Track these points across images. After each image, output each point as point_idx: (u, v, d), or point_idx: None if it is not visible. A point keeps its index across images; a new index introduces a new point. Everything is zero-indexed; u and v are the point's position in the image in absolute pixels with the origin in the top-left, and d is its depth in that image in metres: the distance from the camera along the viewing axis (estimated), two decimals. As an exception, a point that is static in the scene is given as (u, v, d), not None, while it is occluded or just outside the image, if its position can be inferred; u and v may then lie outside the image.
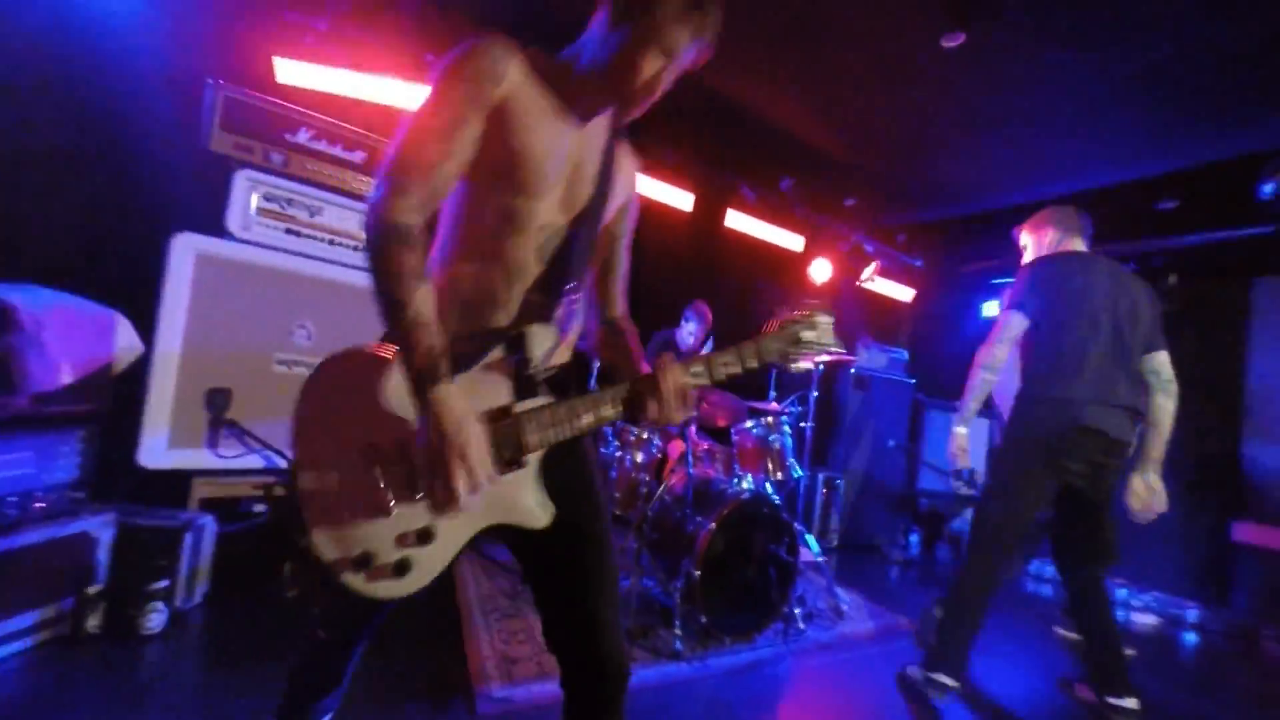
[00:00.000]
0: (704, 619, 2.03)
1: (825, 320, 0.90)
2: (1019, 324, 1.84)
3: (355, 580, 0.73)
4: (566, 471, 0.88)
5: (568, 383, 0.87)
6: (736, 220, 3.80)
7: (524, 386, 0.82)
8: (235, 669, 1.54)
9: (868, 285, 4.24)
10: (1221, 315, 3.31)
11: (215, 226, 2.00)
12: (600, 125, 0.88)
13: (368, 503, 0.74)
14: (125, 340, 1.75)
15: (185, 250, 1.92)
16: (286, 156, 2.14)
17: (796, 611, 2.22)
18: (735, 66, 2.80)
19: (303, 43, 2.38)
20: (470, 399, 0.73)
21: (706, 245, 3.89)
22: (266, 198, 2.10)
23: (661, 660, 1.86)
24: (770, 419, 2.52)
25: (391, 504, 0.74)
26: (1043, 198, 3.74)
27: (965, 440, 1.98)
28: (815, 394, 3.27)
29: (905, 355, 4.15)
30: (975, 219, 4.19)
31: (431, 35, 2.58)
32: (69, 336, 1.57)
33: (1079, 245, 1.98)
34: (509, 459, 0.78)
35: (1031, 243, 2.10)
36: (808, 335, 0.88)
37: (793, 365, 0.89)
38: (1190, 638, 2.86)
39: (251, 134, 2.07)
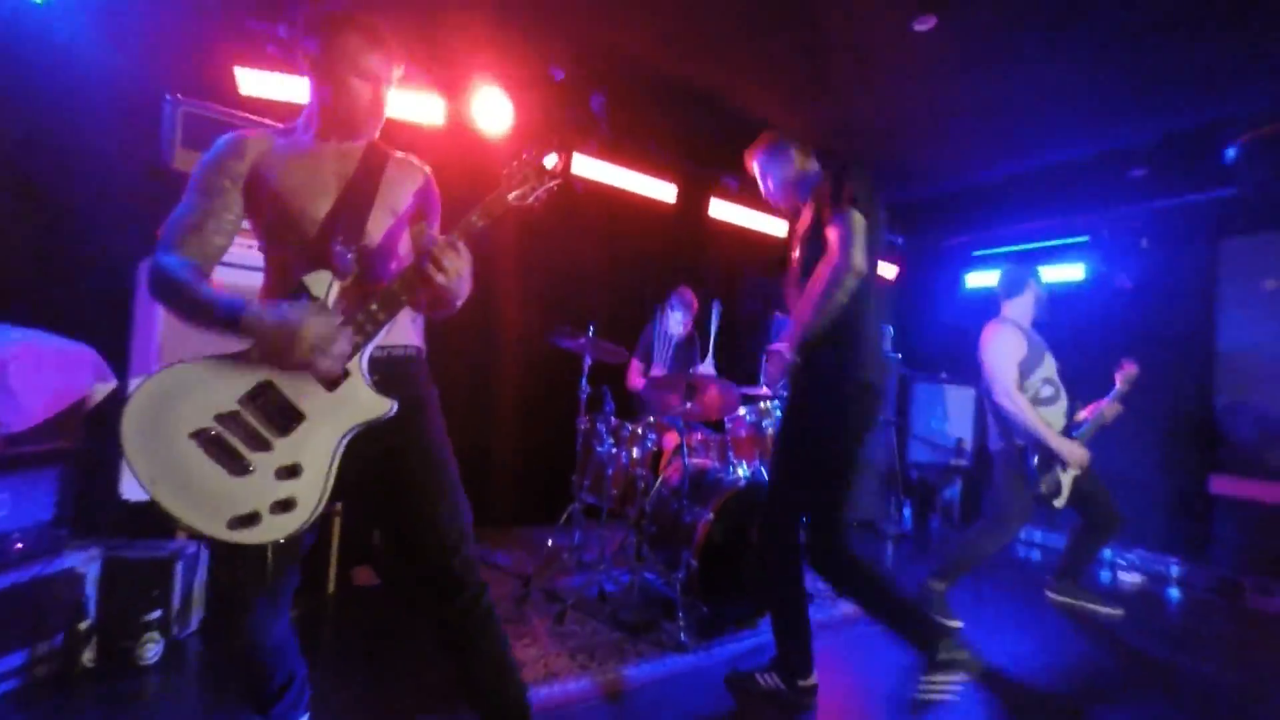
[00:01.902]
0: (706, 608, 2.06)
1: (554, 153, 1.07)
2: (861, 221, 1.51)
3: (250, 533, 0.87)
4: (404, 410, 1.01)
5: (357, 301, 1.01)
6: (720, 209, 3.79)
7: None
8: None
9: (850, 266, 4.26)
10: (1192, 276, 3.39)
11: (186, 248, 1.94)
12: (353, 145, 1.10)
13: (227, 470, 0.88)
14: (97, 374, 1.71)
15: (154, 275, 1.86)
16: (252, 171, 2.08)
17: (796, 594, 2.25)
18: (711, 55, 2.79)
19: (265, 52, 2.30)
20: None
21: (691, 235, 3.87)
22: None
23: (667, 652, 1.89)
24: (763, 405, 2.54)
25: (249, 459, 0.89)
26: (1015, 172, 3.81)
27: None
28: (804, 377, 3.28)
29: (890, 331, 4.20)
30: (952, 196, 4.24)
31: (404, 38, 2.52)
32: (37, 374, 1.53)
33: None
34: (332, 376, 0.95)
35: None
36: (549, 163, 1.06)
37: (533, 196, 1.06)
38: (1174, 593, 2.96)
39: (217, 150, 2.00)
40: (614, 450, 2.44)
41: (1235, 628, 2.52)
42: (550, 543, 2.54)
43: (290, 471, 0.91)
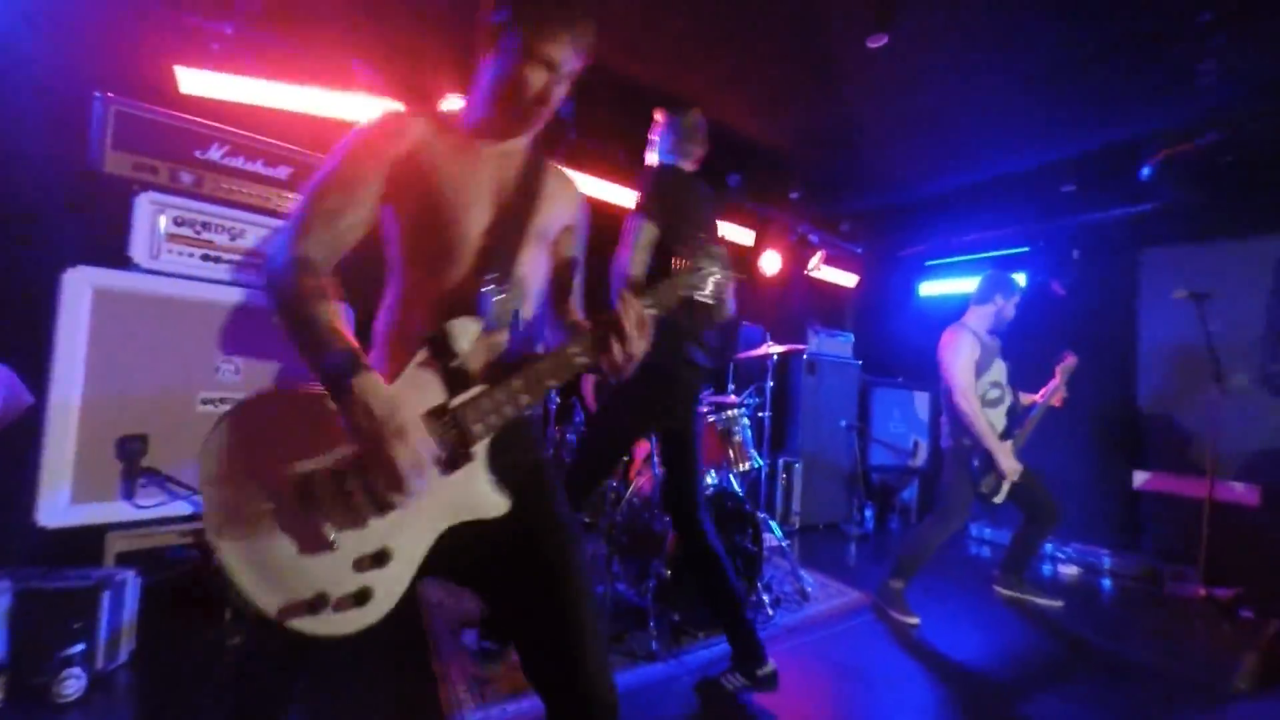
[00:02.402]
0: (677, 617, 2.07)
1: (718, 249, 0.98)
2: (650, 233, 1.69)
3: (311, 623, 0.71)
4: (523, 479, 0.87)
5: (503, 370, 0.85)
6: (685, 217, 3.82)
7: (455, 380, 0.81)
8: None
9: (814, 274, 4.40)
10: (1116, 284, 3.67)
11: (116, 257, 1.80)
12: (515, 144, 0.95)
13: (308, 540, 0.72)
14: (9, 393, 1.57)
15: (80, 286, 1.70)
16: (198, 176, 1.95)
17: (764, 598, 2.30)
18: (676, 65, 2.83)
19: (208, 50, 2.17)
20: (403, 406, 0.73)
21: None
22: (177, 222, 1.91)
23: (639, 662, 1.89)
24: (731, 412, 2.58)
25: (333, 536, 0.72)
26: (963, 184, 4.02)
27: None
28: (770, 383, 3.37)
29: (851, 338, 4.35)
30: (908, 207, 4.43)
31: (355, 39, 2.43)
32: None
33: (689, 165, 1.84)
34: (454, 453, 0.79)
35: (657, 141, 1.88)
36: (706, 264, 0.96)
37: (702, 291, 0.96)
38: (1106, 583, 3.19)
39: (153, 152, 1.87)
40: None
41: (1155, 613, 2.74)
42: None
43: (377, 559, 0.75)
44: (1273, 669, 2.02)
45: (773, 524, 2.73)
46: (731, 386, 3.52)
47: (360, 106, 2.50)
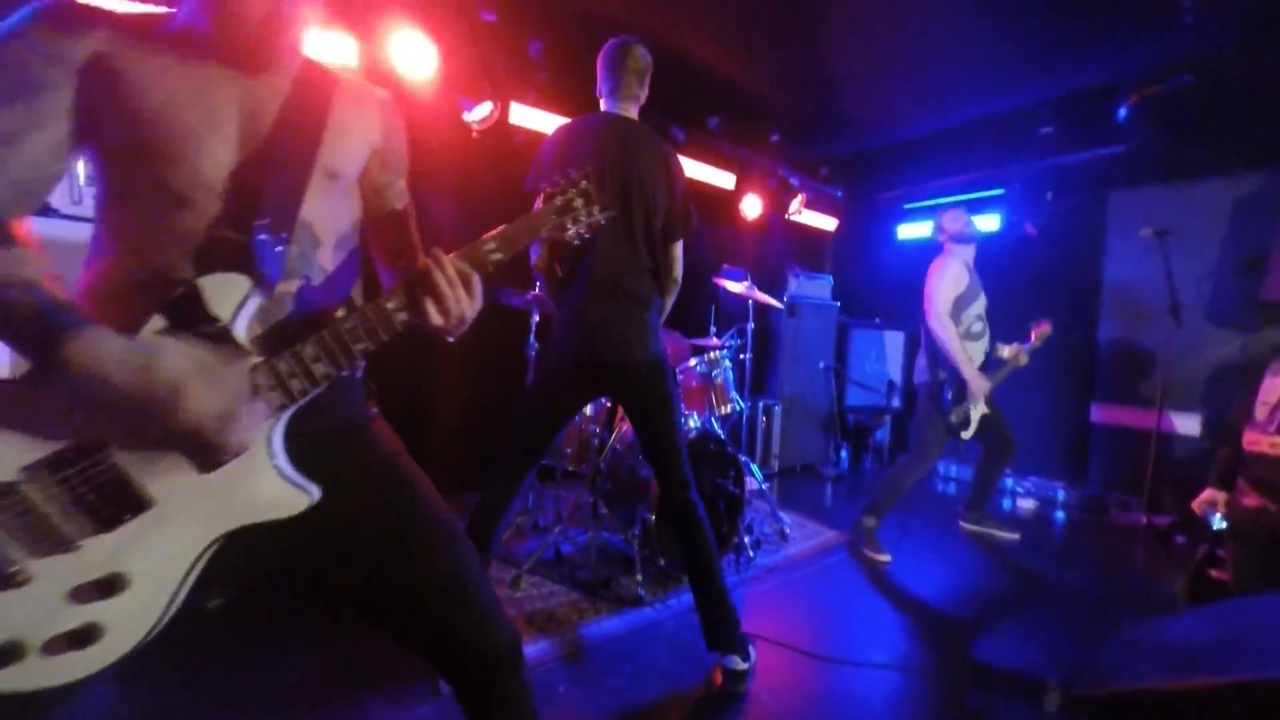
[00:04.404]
0: (663, 562, 2.10)
1: (589, 186, 0.83)
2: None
3: (8, 678, 0.54)
4: (340, 451, 0.75)
5: (290, 334, 0.68)
6: (670, 162, 3.63)
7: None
8: None
9: (795, 217, 4.29)
10: (1084, 225, 3.74)
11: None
12: (276, 69, 0.73)
13: None
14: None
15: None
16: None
17: (746, 540, 2.37)
18: (650, 1, 2.56)
19: None
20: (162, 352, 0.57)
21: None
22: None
23: (625, 608, 1.93)
24: (712, 355, 2.54)
25: (22, 567, 0.55)
26: (941, 128, 3.91)
27: None
28: (752, 325, 3.34)
29: (830, 281, 4.33)
30: (886, 150, 4.32)
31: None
32: None
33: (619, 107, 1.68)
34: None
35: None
36: (578, 202, 0.81)
37: (569, 232, 0.82)
38: (1059, 515, 3.42)
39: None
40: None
41: (1101, 542, 2.96)
42: (501, 507, 2.48)
43: (103, 587, 0.58)
44: (1201, 588, 2.22)
45: (753, 467, 2.78)
46: (713, 329, 3.48)
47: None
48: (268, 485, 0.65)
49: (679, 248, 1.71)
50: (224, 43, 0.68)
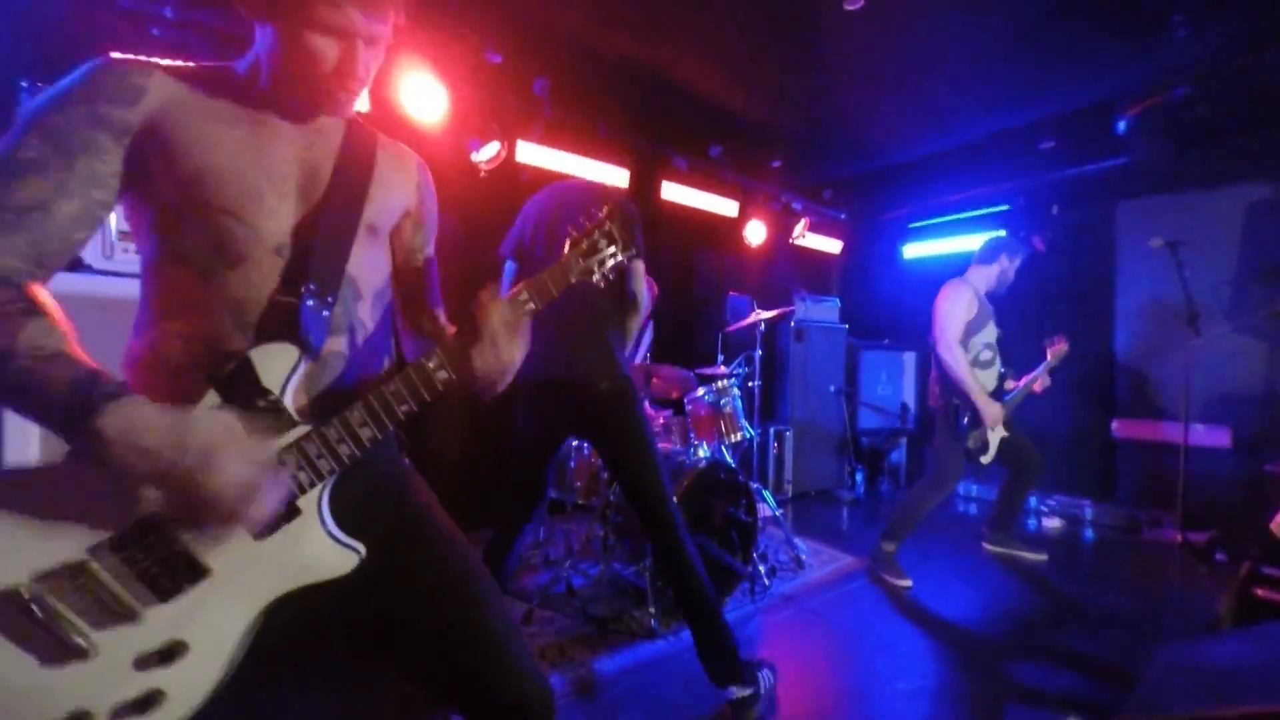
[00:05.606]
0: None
1: (616, 223, 0.82)
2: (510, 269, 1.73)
3: None
4: (378, 506, 0.76)
5: (335, 400, 0.70)
6: (672, 191, 3.72)
7: (266, 424, 0.64)
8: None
9: (799, 242, 4.35)
10: (1094, 236, 3.71)
11: (65, 260, 1.67)
12: (328, 123, 0.75)
13: (47, 651, 0.55)
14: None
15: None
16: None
17: (760, 569, 2.32)
18: (652, 35, 2.70)
19: (147, 34, 1.98)
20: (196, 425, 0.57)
21: (645, 218, 3.78)
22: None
23: (638, 641, 1.89)
24: (720, 384, 2.55)
25: (86, 638, 0.56)
26: (943, 148, 3.97)
27: None
28: (759, 352, 3.35)
29: (837, 303, 4.34)
30: (889, 171, 4.38)
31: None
32: None
33: None
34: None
35: None
36: (602, 244, 0.81)
37: (595, 276, 0.81)
38: (1088, 533, 3.29)
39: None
40: (574, 441, 2.38)
41: (1135, 561, 2.83)
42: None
43: (164, 655, 0.60)
44: (1245, 608, 2.11)
45: (765, 494, 2.75)
46: (721, 357, 3.49)
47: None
48: (318, 547, 0.67)
49: (637, 265, 1.72)
50: (288, 97, 0.69)
